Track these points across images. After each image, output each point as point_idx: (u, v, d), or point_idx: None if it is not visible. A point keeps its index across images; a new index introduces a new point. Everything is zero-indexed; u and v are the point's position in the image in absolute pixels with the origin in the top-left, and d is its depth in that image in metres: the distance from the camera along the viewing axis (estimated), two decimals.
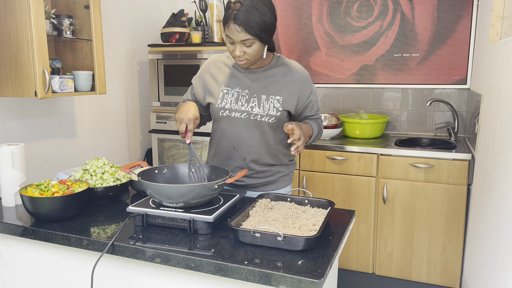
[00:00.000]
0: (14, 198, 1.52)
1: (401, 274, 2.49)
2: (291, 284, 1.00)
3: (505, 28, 1.72)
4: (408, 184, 2.39)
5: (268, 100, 1.55)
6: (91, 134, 2.66)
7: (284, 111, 1.56)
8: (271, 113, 1.54)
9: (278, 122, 1.57)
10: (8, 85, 1.91)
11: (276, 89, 1.56)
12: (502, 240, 1.38)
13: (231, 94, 1.57)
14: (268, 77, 1.57)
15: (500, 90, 1.62)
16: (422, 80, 2.86)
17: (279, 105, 1.55)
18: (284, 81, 1.57)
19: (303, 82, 1.58)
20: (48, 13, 2.00)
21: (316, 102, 1.64)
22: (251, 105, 1.55)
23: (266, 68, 1.57)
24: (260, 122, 1.55)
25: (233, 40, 1.42)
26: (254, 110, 1.55)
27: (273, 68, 1.58)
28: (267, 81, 1.56)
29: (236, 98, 1.56)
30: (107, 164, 1.63)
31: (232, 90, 1.57)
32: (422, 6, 2.79)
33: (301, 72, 1.60)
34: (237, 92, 1.57)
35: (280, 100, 1.55)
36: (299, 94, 1.57)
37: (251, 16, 1.37)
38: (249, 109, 1.55)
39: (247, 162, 1.60)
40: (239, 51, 1.43)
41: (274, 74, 1.57)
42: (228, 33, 1.42)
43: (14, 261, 1.44)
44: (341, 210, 1.46)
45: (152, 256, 1.15)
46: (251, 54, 1.45)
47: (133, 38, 2.99)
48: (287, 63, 1.60)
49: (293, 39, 3.15)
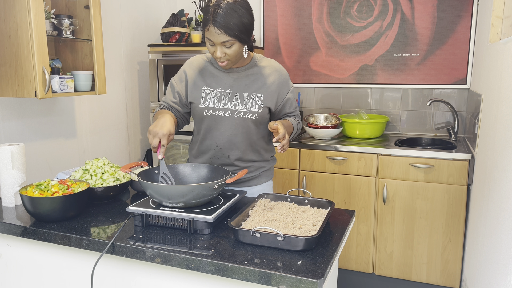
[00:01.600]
0: (14, 198, 1.52)
1: (401, 274, 2.49)
2: (291, 284, 1.00)
3: (505, 28, 1.72)
4: (408, 184, 2.39)
5: (250, 97, 1.60)
6: (91, 134, 2.66)
7: (265, 108, 1.62)
8: (254, 110, 1.60)
9: (261, 118, 1.62)
10: (8, 85, 1.91)
11: (257, 87, 1.61)
12: (502, 240, 1.38)
13: (213, 94, 1.61)
14: (249, 75, 1.62)
15: (500, 90, 1.62)
16: (422, 80, 2.86)
17: (261, 102, 1.60)
18: (265, 79, 1.62)
19: (282, 80, 1.65)
20: (48, 13, 2.00)
21: (294, 100, 1.73)
22: (234, 103, 1.60)
23: (246, 67, 1.62)
24: (244, 119, 1.60)
25: (214, 42, 1.46)
26: (237, 107, 1.60)
27: (253, 67, 1.63)
28: (248, 80, 1.61)
29: (219, 98, 1.61)
30: (107, 164, 1.63)
31: (214, 90, 1.61)
32: (422, 6, 2.79)
33: (280, 70, 1.67)
34: (219, 91, 1.61)
35: (261, 97, 1.60)
36: (278, 92, 1.64)
37: (229, 18, 1.41)
38: (233, 107, 1.60)
39: (231, 159, 1.64)
40: (219, 52, 1.47)
41: (255, 73, 1.62)
42: (208, 35, 1.46)
43: (14, 261, 1.44)
44: (341, 210, 1.46)
45: (152, 256, 1.15)
46: (231, 55, 1.49)
47: (133, 38, 2.99)
48: (266, 62, 1.67)
49: (293, 39, 3.15)
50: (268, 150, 1.75)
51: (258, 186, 1.73)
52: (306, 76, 3.16)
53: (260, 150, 1.69)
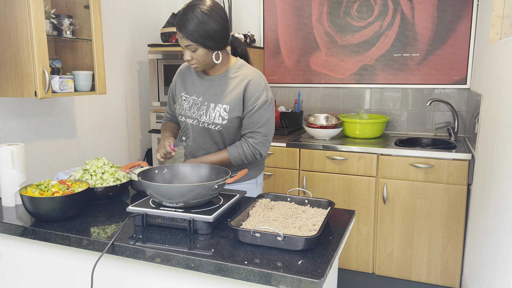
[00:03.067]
0: (14, 198, 1.52)
1: (401, 274, 2.49)
2: (291, 284, 1.00)
3: (505, 28, 1.72)
4: (408, 184, 2.39)
5: (215, 108, 1.62)
6: (91, 134, 2.66)
7: (231, 119, 1.61)
8: (216, 122, 1.61)
9: (225, 129, 1.63)
10: (8, 85, 1.91)
11: (224, 98, 1.62)
12: (502, 240, 1.38)
13: (187, 101, 1.68)
14: (222, 84, 1.64)
15: (500, 90, 1.62)
16: (422, 80, 2.86)
17: (225, 114, 1.61)
18: (234, 89, 1.62)
19: (248, 87, 1.60)
20: (48, 13, 2.00)
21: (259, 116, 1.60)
22: (200, 113, 1.64)
23: (222, 76, 1.65)
24: (208, 129, 1.64)
25: (181, 46, 1.55)
26: (202, 118, 1.64)
27: (229, 75, 1.64)
28: (220, 89, 1.63)
29: (190, 105, 1.67)
30: (107, 164, 1.63)
31: (189, 97, 1.68)
32: (422, 6, 2.79)
33: (249, 77, 1.61)
34: (192, 99, 1.67)
35: (226, 108, 1.61)
36: (243, 99, 1.61)
37: (190, 24, 1.48)
38: (198, 116, 1.64)
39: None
40: (186, 55, 1.55)
41: (227, 82, 1.63)
42: (178, 39, 1.56)
43: (14, 261, 1.44)
44: (341, 210, 1.46)
45: (152, 256, 1.15)
46: (198, 59, 1.55)
47: (133, 38, 2.99)
48: (244, 71, 1.64)
49: (293, 39, 3.15)
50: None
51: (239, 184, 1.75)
52: (306, 76, 3.16)
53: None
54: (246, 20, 3.27)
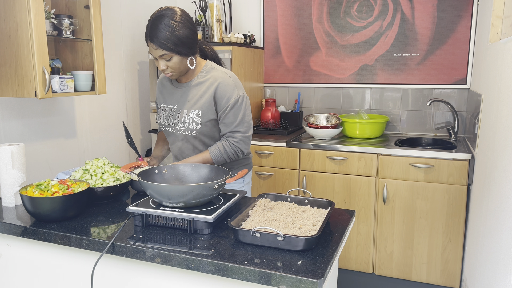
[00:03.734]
0: (14, 198, 1.52)
1: (401, 274, 2.49)
2: (291, 284, 1.00)
3: (505, 28, 1.72)
4: (408, 184, 2.39)
5: (188, 115, 1.64)
6: (91, 134, 2.66)
7: (205, 123, 1.63)
8: (191, 127, 1.64)
9: (201, 133, 1.65)
10: (8, 85, 1.91)
11: (195, 103, 1.63)
12: (502, 240, 1.38)
13: (164, 111, 1.72)
14: (193, 90, 1.65)
15: (500, 90, 1.62)
16: (422, 80, 2.86)
17: (198, 119, 1.63)
18: (204, 92, 1.62)
19: (217, 90, 1.60)
20: (48, 13, 2.00)
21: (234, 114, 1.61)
22: (175, 121, 1.68)
23: (193, 81, 1.67)
24: (185, 135, 1.67)
25: (154, 56, 1.55)
26: (178, 125, 1.67)
27: (200, 79, 1.66)
28: (191, 95, 1.65)
29: (167, 114, 1.71)
30: (107, 164, 1.63)
31: (166, 107, 1.72)
32: (422, 6, 2.79)
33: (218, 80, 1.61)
34: (169, 108, 1.71)
35: (199, 113, 1.62)
36: (215, 102, 1.61)
37: (162, 34, 1.49)
38: (175, 124, 1.68)
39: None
40: (162, 65, 1.55)
41: (199, 87, 1.65)
42: (149, 50, 1.56)
43: (14, 261, 1.44)
44: (341, 210, 1.46)
45: (152, 256, 1.15)
46: (174, 67, 1.56)
47: (133, 38, 2.99)
48: (212, 73, 1.65)
49: (293, 39, 3.15)
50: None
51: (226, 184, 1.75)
52: (306, 76, 3.16)
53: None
54: (246, 20, 3.27)
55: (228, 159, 1.65)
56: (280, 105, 3.27)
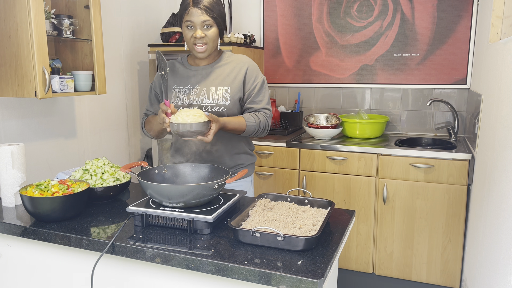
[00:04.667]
0: (14, 198, 1.52)
1: (401, 274, 2.49)
2: (291, 284, 1.00)
3: (505, 28, 1.72)
4: (408, 184, 2.39)
5: (216, 91, 1.65)
6: (91, 134, 2.66)
7: (233, 100, 1.65)
8: (220, 103, 1.64)
9: (229, 110, 1.65)
10: (8, 85, 1.91)
11: (223, 81, 1.66)
12: (502, 240, 1.38)
13: (182, 92, 1.69)
14: (217, 70, 1.68)
15: (500, 90, 1.62)
16: (422, 80, 2.86)
17: (228, 95, 1.64)
18: (231, 72, 1.67)
19: (248, 70, 1.68)
20: (48, 13, 2.00)
21: (263, 95, 1.70)
22: (201, 97, 1.65)
23: (214, 64, 1.70)
24: (211, 112, 1.64)
25: (194, 23, 1.57)
26: (204, 102, 1.65)
27: (221, 62, 1.70)
28: (215, 75, 1.67)
29: (187, 95, 1.68)
30: (107, 164, 1.63)
31: (184, 88, 1.69)
32: (422, 6, 2.79)
33: (247, 62, 1.70)
34: (188, 89, 1.68)
35: (228, 90, 1.65)
36: (244, 81, 1.67)
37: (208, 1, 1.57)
38: (200, 101, 1.65)
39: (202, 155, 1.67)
40: (198, 32, 1.57)
41: (222, 69, 1.68)
42: (189, 17, 1.57)
43: (14, 261, 1.44)
44: (341, 210, 1.46)
45: (152, 256, 1.15)
46: (210, 38, 1.59)
47: (133, 38, 2.99)
48: (234, 57, 1.72)
49: (293, 39, 3.15)
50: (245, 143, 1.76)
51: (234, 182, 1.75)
52: (306, 76, 3.16)
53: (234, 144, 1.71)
54: (246, 20, 3.27)
55: (258, 129, 1.66)
56: (280, 105, 3.27)
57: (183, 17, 1.59)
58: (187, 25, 1.58)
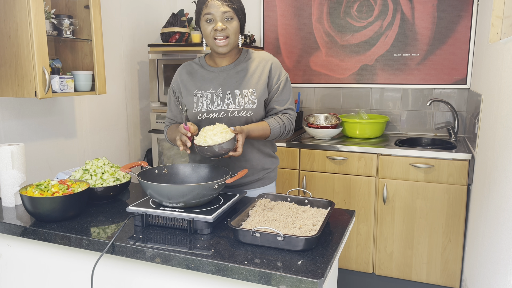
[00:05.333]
0: (14, 198, 1.52)
1: (401, 274, 2.49)
2: (291, 284, 1.00)
3: (505, 28, 1.72)
4: (408, 184, 2.39)
5: (242, 94, 1.57)
6: (91, 134, 2.66)
7: (260, 103, 1.58)
8: (247, 107, 1.56)
9: (256, 114, 1.58)
10: (8, 85, 1.91)
11: (247, 82, 1.58)
12: (502, 240, 1.38)
13: (205, 97, 1.59)
14: (239, 72, 1.60)
15: (500, 90, 1.62)
16: (422, 80, 2.86)
17: (254, 97, 1.57)
18: (254, 72, 1.59)
19: (272, 68, 1.61)
20: (48, 13, 2.00)
21: (287, 93, 1.63)
22: (226, 102, 1.57)
23: (236, 63, 1.61)
24: (238, 118, 1.56)
25: (214, 16, 1.49)
26: (230, 107, 1.56)
27: (243, 62, 1.62)
28: (238, 76, 1.59)
29: (211, 100, 1.58)
30: (107, 164, 1.63)
31: (206, 92, 1.59)
32: (422, 6, 2.79)
33: (269, 59, 1.63)
34: (210, 93, 1.59)
35: (254, 92, 1.57)
36: (268, 80, 1.59)
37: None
38: (225, 107, 1.57)
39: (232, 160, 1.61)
40: (218, 25, 1.48)
41: (245, 68, 1.60)
42: (208, 10, 1.49)
43: (14, 261, 1.44)
44: (341, 210, 1.46)
45: (152, 256, 1.15)
46: (231, 31, 1.51)
47: (133, 38, 2.99)
48: (255, 55, 1.64)
49: (293, 39, 3.15)
50: (269, 146, 1.69)
51: (262, 189, 1.69)
52: (306, 76, 3.16)
53: (261, 148, 1.64)
54: (246, 20, 3.27)
55: (283, 133, 1.60)
56: None
57: (201, 11, 1.51)
58: (207, 19, 1.49)
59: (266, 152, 1.67)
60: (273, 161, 1.71)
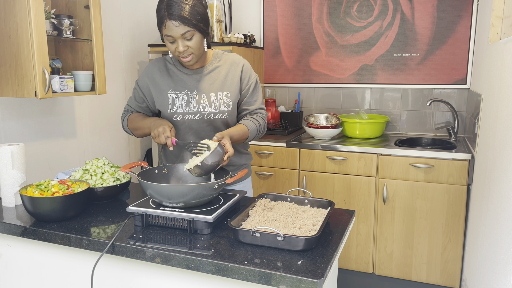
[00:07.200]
0: (14, 198, 1.52)
1: (401, 274, 2.49)
2: (291, 284, 1.00)
3: (505, 28, 1.72)
4: (408, 184, 2.39)
5: (217, 97, 1.60)
6: (91, 134, 2.66)
7: (234, 104, 1.62)
8: (223, 110, 1.60)
9: (231, 116, 1.63)
10: (8, 85, 1.91)
11: (222, 86, 1.61)
12: (502, 240, 1.38)
13: (180, 98, 1.60)
14: (213, 74, 1.62)
15: (500, 90, 1.62)
16: (422, 80, 2.86)
17: (229, 100, 1.61)
18: (227, 75, 1.62)
19: (243, 71, 1.64)
20: (48, 13, 2.00)
21: (257, 94, 1.67)
22: (202, 105, 1.59)
23: (207, 67, 1.63)
24: (214, 120, 1.60)
25: (174, 38, 1.46)
26: (206, 109, 1.59)
27: (214, 64, 1.63)
28: (211, 79, 1.61)
29: (186, 101, 1.60)
30: (107, 164, 1.63)
31: (181, 94, 1.60)
32: (422, 6, 2.79)
33: (240, 62, 1.65)
34: (186, 94, 1.60)
35: (228, 95, 1.61)
36: (240, 82, 1.63)
37: (185, 9, 1.42)
38: (201, 109, 1.59)
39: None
40: (182, 46, 1.46)
41: (218, 71, 1.62)
42: (167, 32, 1.45)
43: (14, 261, 1.45)
44: (341, 210, 1.46)
45: (152, 256, 1.15)
46: (194, 47, 1.49)
47: (133, 38, 2.99)
48: (226, 57, 1.66)
49: (293, 39, 3.15)
50: (242, 144, 1.74)
51: (241, 183, 1.76)
52: (306, 76, 3.16)
53: (236, 147, 1.69)
54: (246, 20, 3.27)
55: (258, 133, 1.63)
56: (280, 105, 3.27)
57: (161, 30, 1.48)
58: (168, 40, 1.48)
59: (241, 151, 1.74)
60: (248, 157, 1.79)
